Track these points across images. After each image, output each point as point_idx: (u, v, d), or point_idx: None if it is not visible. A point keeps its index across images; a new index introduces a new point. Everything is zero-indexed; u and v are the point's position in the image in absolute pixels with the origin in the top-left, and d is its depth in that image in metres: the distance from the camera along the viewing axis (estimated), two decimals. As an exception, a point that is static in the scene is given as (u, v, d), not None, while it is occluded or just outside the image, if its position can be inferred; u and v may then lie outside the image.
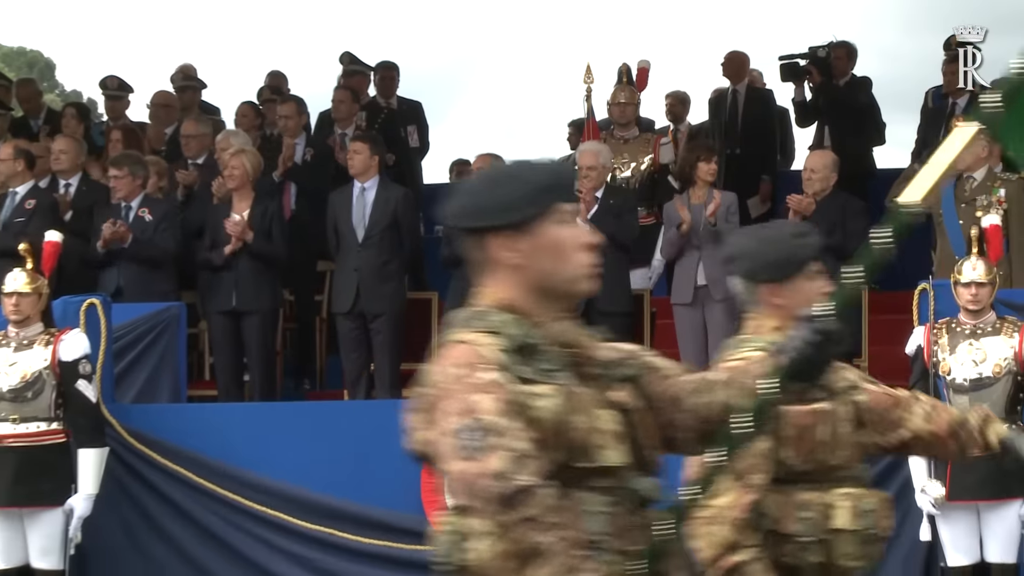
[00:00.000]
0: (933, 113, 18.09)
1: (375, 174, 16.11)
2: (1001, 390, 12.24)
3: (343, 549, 13.62)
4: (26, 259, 13.51)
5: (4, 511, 13.13)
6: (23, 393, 13.14)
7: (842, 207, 15.45)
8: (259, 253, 15.79)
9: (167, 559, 13.68)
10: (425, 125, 19.77)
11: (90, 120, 19.57)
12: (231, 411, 15.25)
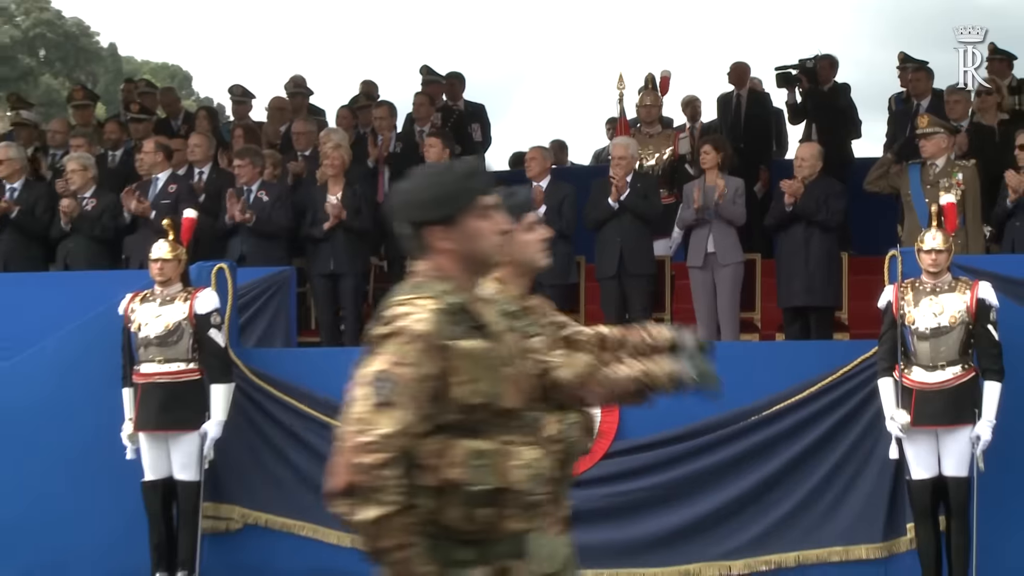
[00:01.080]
0: (897, 114, 18.08)
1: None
2: (956, 336, 12.27)
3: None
4: (168, 232, 13.65)
5: (152, 434, 13.27)
6: (167, 339, 13.25)
7: (826, 189, 15.44)
8: (350, 227, 15.94)
9: (282, 473, 13.75)
10: (487, 123, 19.79)
11: (219, 120, 19.64)
12: (332, 354, 15.28)
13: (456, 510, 5.13)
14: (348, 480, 4.96)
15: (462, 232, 5.36)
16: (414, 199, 5.52)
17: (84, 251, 16.05)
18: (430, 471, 5.14)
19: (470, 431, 5.22)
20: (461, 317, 5.28)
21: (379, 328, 5.26)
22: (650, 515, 13.36)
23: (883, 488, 12.92)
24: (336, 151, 16.26)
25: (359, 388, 5.10)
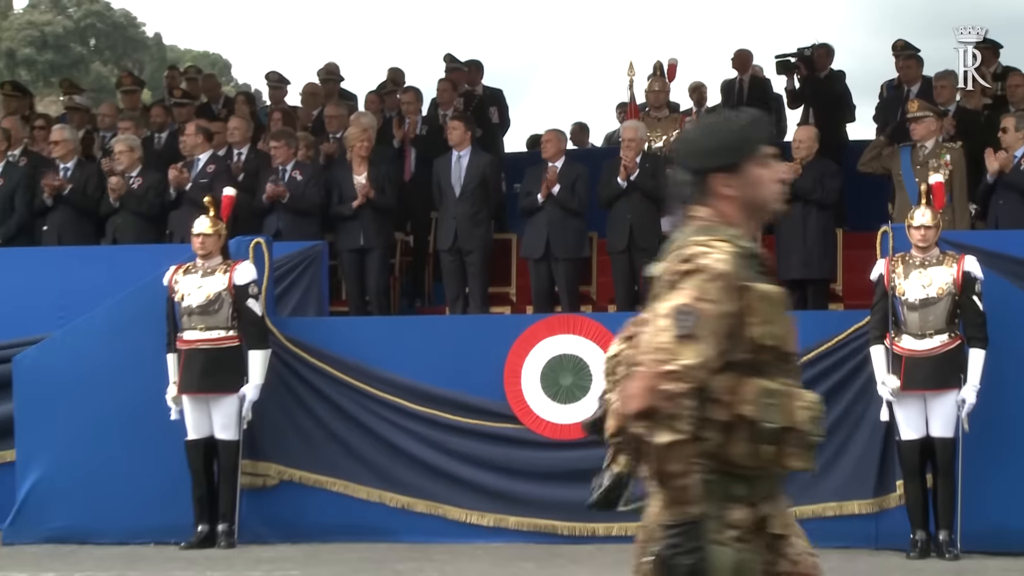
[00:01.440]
0: (888, 100, 18.04)
1: (468, 145, 16.23)
2: (943, 307, 12.30)
3: (443, 425, 13.66)
4: (209, 208, 13.67)
5: (194, 396, 13.33)
6: (208, 308, 13.29)
7: (822, 169, 15.45)
8: (377, 205, 15.96)
9: (314, 433, 13.76)
10: (505, 107, 19.77)
11: (256, 105, 19.65)
12: (361, 323, 15.33)
13: (743, 445, 5.07)
14: (648, 404, 4.87)
15: (744, 179, 5.27)
16: (699, 147, 5.41)
17: (131, 226, 16.08)
18: (722, 406, 5.05)
19: (757, 370, 5.14)
20: (752, 261, 5.19)
21: (678, 265, 5.10)
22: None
23: (874, 448, 12.95)
24: (365, 134, 16.30)
25: (661, 319, 4.97)
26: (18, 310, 14.45)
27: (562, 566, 12.21)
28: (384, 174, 16.27)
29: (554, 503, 13.49)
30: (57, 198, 16.23)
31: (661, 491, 4.88)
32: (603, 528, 13.32)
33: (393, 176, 16.62)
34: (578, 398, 13.49)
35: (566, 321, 14.03)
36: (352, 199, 16.01)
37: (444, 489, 13.68)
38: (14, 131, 17.36)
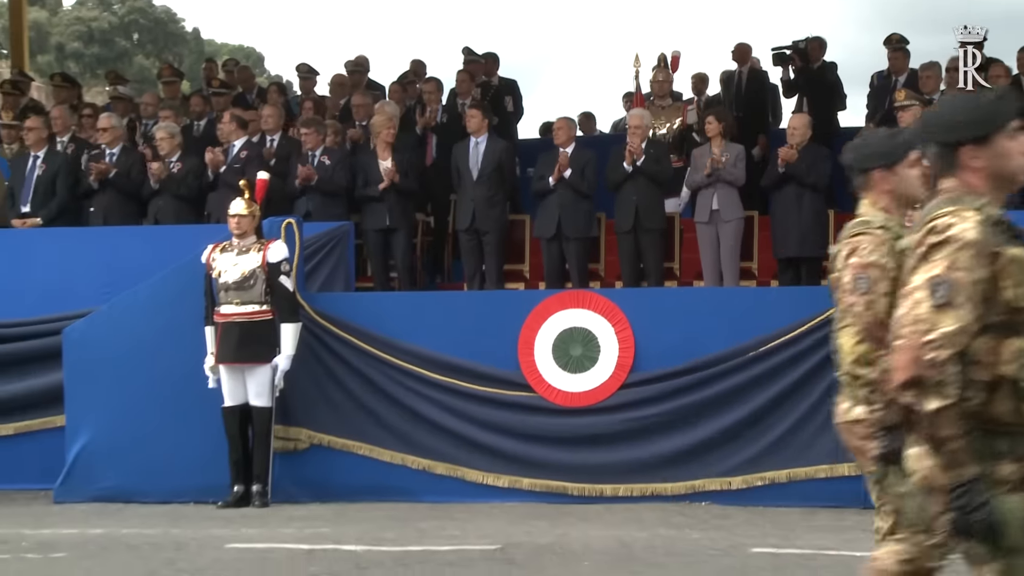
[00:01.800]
0: (878, 89, 18.00)
1: (485, 132, 16.23)
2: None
3: (461, 393, 13.66)
4: (244, 191, 13.68)
5: (230, 366, 13.35)
6: (243, 284, 13.30)
7: (815, 154, 15.47)
8: (401, 188, 15.97)
9: (342, 400, 13.78)
10: (519, 96, 19.77)
11: (288, 94, 19.64)
12: (385, 297, 15.34)
13: (1006, 403, 4.98)
14: (914, 374, 4.83)
15: (993, 151, 5.15)
16: (949, 120, 5.30)
17: (172, 208, 16.12)
18: (983, 367, 4.96)
19: (1013, 331, 5.02)
20: (1001, 227, 5.04)
21: (929, 237, 5.03)
22: (662, 437, 13.39)
23: (863, 415, 12.91)
24: (390, 122, 16.30)
25: (917, 292, 4.92)
26: (67, 286, 14.48)
27: (572, 524, 12.20)
28: (407, 159, 16.29)
29: (565, 466, 13.52)
30: (103, 182, 16.27)
31: (934, 456, 4.84)
32: (610, 489, 13.37)
33: (415, 161, 16.65)
34: (587, 368, 13.50)
35: (576, 296, 14.01)
36: (378, 183, 16.00)
37: (463, 453, 13.69)
38: (63, 119, 17.40)
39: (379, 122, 16.31)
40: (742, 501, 13.10)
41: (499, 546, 11.18)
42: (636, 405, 13.45)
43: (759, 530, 11.75)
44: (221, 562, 10.52)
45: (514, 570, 10.31)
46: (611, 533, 11.74)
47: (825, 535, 11.54)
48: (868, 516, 12.35)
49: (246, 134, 16.49)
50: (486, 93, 18.60)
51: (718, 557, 10.68)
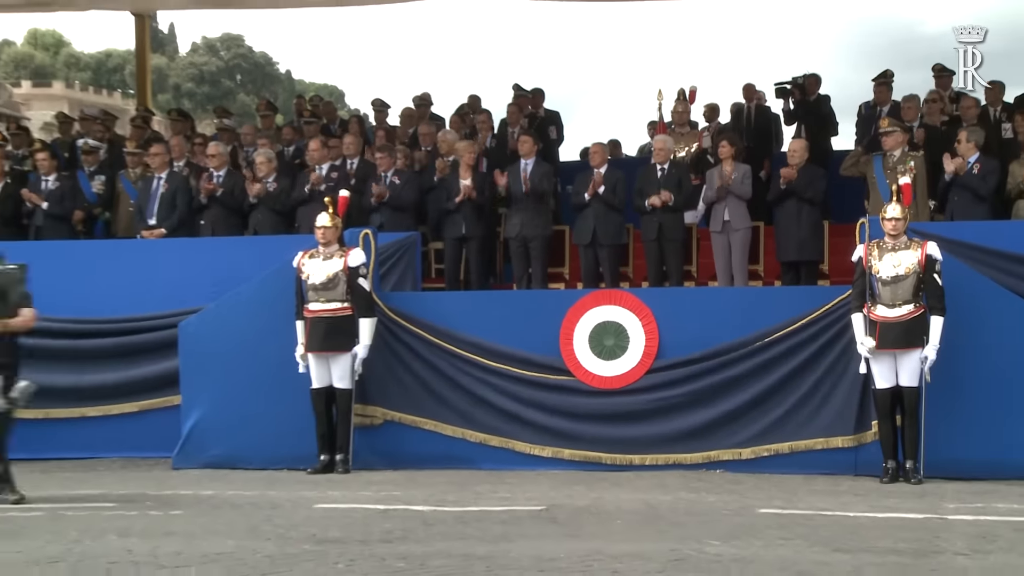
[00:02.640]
0: (865, 118, 17.86)
1: (533, 155, 16.14)
2: (910, 282, 12.19)
3: (512, 377, 13.59)
4: (329, 207, 13.63)
5: (317, 354, 13.31)
6: (328, 285, 13.24)
7: (812, 174, 15.46)
8: (476, 203, 15.94)
9: (411, 383, 13.73)
10: (561, 125, 19.72)
11: (364, 125, 19.59)
12: (448, 296, 15.32)
13: None
14: None
15: None
16: None
17: (268, 221, 16.14)
18: None
19: None
20: None
21: None
22: (682, 415, 13.31)
23: (854, 395, 12.83)
24: (472, 147, 16.40)
25: None
26: (182, 287, 14.50)
27: (606, 488, 12.13)
28: (483, 178, 16.23)
29: (600, 439, 13.47)
30: (211, 199, 16.31)
31: None
32: (638, 459, 13.32)
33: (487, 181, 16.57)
34: (618, 356, 13.43)
35: (609, 295, 13.93)
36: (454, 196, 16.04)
37: (513, 427, 13.63)
38: (179, 147, 17.44)
39: (463, 147, 16.39)
40: (751, 469, 13.01)
41: (544, 507, 11.09)
42: (660, 387, 13.37)
43: (765, 493, 11.66)
44: (310, 519, 10.47)
45: (556, 528, 10.21)
46: (639, 496, 11.66)
47: (823, 498, 11.44)
48: (860, 482, 12.31)
49: (330, 158, 16.51)
50: (533, 122, 18.53)
51: (730, 516, 10.58)
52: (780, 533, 9.80)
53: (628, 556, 8.93)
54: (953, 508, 10.87)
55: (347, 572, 8.55)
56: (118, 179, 17.35)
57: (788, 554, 9.00)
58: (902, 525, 10.15)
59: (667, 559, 8.81)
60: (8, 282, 11.50)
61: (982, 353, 12.50)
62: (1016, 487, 11.93)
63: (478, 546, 9.37)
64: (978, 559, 8.85)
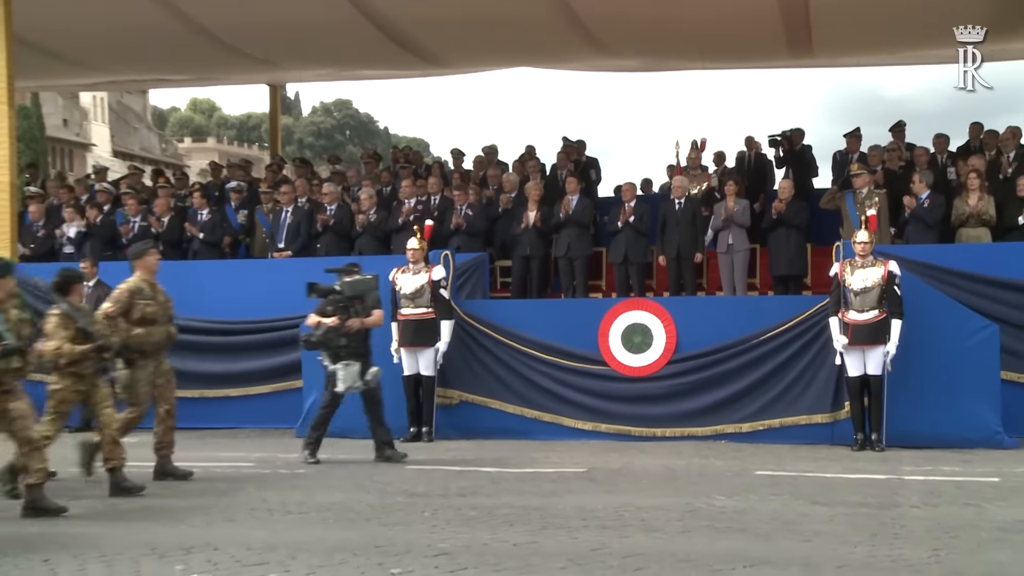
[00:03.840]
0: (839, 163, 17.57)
1: (578, 192, 16.11)
2: (875, 293, 12.09)
3: (560, 367, 13.54)
4: (416, 233, 13.66)
5: (408, 349, 13.35)
6: (416, 295, 13.26)
7: (797, 207, 15.39)
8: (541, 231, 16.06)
9: (481, 371, 13.70)
10: (599, 169, 19.64)
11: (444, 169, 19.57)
12: (511, 303, 15.26)
13: None
14: None
15: None
16: None
17: (370, 244, 16.13)
18: None
19: None
20: None
21: None
22: (695, 397, 13.23)
23: (831, 381, 12.72)
24: (538, 186, 16.45)
25: None
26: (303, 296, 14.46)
27: (634, 455, 12.09)
28: (547, 212, 16.16)
29: (630, 416, 13.41)
30: (326, 227, 16.36)
31: None
32: (660, 432, 13.23)
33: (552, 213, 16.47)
34: (644, 350, 13.37)
35: (637, 302, 13.89)
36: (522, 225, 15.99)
37: (561, 406, 13.58)
38: (302, 187, 17.49)
39: (531, 187, 16.37)
40: (749, 440, 12.92)
41: (586, 469, 11.07)
42: (678, 375, 13.31)
43: (760, 459, 11.59)
44: (403, 477, 10.53)
45: (595, 486, 10.20)
46: (661, 461, 11.62)
47: (806, 462, 11.36)
48: (835, 449, 12.23)
49: (417, 194, 16.53)
50: (577, 167, 18.47)
51: (732, 477, 10.53)
52: (772, 490, 9.76)
53: (652, 508, 8.92)
54: (908, 470, 10.81)
55: (431, 519, 8.58)
56: (255, 212, 17.46)
57: (778, 507, 8.97)
58: (868, 483, 10.09)
59: (683, 510, 8.80)
60: (365, 288, 11.67)
61: (932, 349, 12.37)
62: (958, 454, 11.84)
63: (533, 500, 9.38)
64: (927, 510, 8.82)
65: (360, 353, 11.59)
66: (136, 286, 10.43)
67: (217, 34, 16.74)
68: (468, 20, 16.01)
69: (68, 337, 9.38)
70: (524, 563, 7.05)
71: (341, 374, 11.47)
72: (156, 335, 10.47)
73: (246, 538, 7.84)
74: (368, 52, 17.70)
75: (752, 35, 16.41)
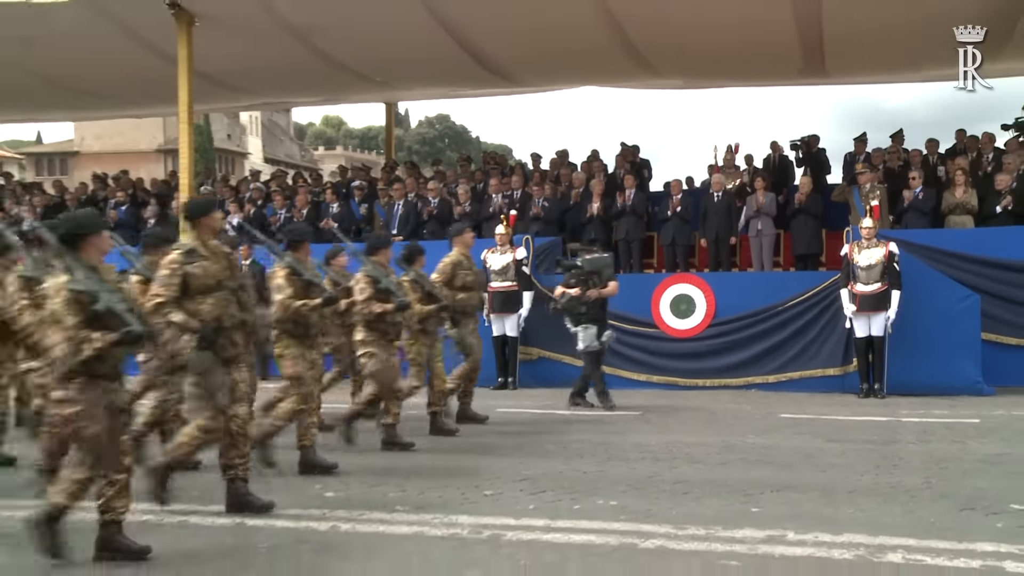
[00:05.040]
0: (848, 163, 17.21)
1: (634, 187, 15.95)
2: (878, 269, 11.94)
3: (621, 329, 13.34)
4: (503, 220, 13.67)
5: (496, 315, 13.34)
6: (503, 271, 13.22)
7: (813, 199, 15.05)
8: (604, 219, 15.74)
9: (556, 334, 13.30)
10: (651, 168, 19.31)
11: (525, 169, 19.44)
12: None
13: None
14: None
15: None
16: None
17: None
18: None
19: None
20: None
21: None
22: (731, 354, 13.15)
23: (841, 341, 12.59)
24: (601, 184, 16.20)
25: None
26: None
27: (680, 401, 12.07)
28: (609, 204, 15.92)
29: (677, 369, 13.38)
30: (430, 217, 16.38)
31: None
32: (702, 382, 13.19)
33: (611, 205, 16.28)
34: (688, 316, 13.35)
35: (683, 277, 13.84)
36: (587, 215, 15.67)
37: (621, 361, 13.51)
38: (410, 185, 17.51)
39: (595, 183, 16.16)
40: (775, 389, 12.83)
41: (640, 412, 11.07)
42: (716, 336, 13.23)
43: (784, 405, 11.51)
44: (494, 419, 10.58)
45: (649, 426, 10.19)
46: (702, 405, 11.59)
47: (821, 407, 11.28)
48: (845, 397, 12.09)
49: (503, 190, 16.50)
50: (633, 166, 18.30)
51: (761, 419, 10.48)
52: (794, 430, 9.69)
53: (696, 444, 8.90)
54: (905, 413, 10.69)
55: (516, 450, 8.64)
56: (374, 206, 17.55)
57: (799, 443, 8.91)
58: (872, 424, 9.98)
59: (721, 446, 8.77)
60: (602, 264, 11.52)
61: (925, 315, 12.20)
62: (946, 400, 11.68)
63: (599, 436, 9.40)
64: (921, 446, 8.73)
65: (597, 318, 11.39)
66: (456, 259, 10.35)
67: (346, 63, 16.89)
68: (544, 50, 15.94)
69: (418, 299, 9.31)
70: (592, 487, 7.08)
71: (581, 335, 11.32)
72: (473, 299, 10.39)
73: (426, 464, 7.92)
74: (464, 76, 17.70)
75: (775, 59, 16.15)
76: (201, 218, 6.25)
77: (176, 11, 14.48)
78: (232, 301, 6.18)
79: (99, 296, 5.06)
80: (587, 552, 5.46)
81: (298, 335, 7.54)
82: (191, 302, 6.06)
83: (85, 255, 5.23)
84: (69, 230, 5.24)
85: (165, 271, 6.10)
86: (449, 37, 15.40)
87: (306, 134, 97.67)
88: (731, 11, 13.82)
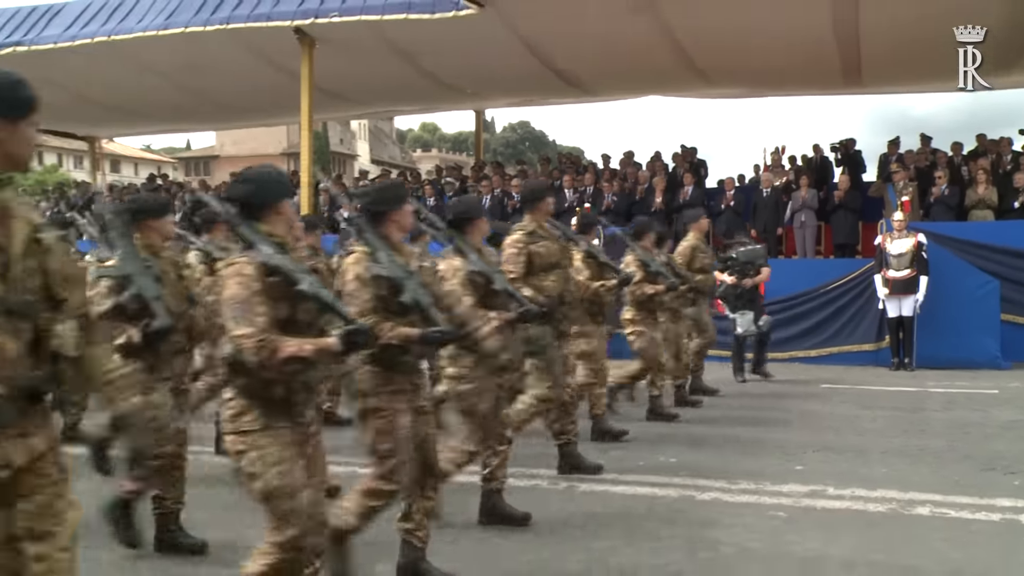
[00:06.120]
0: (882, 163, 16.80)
1: (692, 184, 15.87)
2: (908, 256, 11.70)
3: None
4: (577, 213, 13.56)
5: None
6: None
7: (851, 195, 14.84)
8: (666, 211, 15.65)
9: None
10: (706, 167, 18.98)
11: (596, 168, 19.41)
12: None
13: None
14: None
15: None
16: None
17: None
18: None
19: None
20: None
21: None
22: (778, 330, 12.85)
23: (875, 320, 12.37)
24: (663, 180, 16.05)
25: None
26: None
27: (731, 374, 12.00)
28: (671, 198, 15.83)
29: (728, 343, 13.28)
30: (514, 210, 16.34)
31: None
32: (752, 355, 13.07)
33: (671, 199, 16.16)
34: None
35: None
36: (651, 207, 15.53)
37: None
38: (496, 181, 17.64)
39: (658, 181, 16.08)
40: (816, 362, 12.67)
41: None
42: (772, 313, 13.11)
43: (823, 377, 11.40)
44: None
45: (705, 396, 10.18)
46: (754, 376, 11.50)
47: (857, 377, 11.17)
48: (878, 369, 11.94)
49: (576, 187, 16.50)
50: (691, 166, 18.16)
51: (803, 387, 10.43)
52: (833, 398, 9.63)
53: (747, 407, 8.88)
54: (932, 384, 10.54)
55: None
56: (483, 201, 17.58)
57: (836, 409, 8.86)
58: (902, 394, 9.87)
59: (769, 411, 8.75)
60: (756, 256, 11.18)
61: (949, 297, 11.95)
62: (968, 373, 11.44)
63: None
64: (946, 413, 8.62)
65: (753, 304, 11.14)
66: (694, 243, 10.05)
67: (442, 78, 17.07)
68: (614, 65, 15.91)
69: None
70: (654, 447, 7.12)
71: (739, 320, 11.18)
72: (709, 281, 10.12)
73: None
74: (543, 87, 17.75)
75: (817, 71, 15.88)
76: (537, 203, 5.78)
77: (300, 36, 14.87)
78: (570, 279, 5.73)
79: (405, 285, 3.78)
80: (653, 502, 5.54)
81: (592, 314, 6.87)
82: (535, 278, 5.56)
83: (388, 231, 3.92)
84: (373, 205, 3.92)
85: (512, 250, 5.59)
86: (530, 54, 15.49)
87: (406, 138, 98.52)
88: (778, 31, 13.68)
